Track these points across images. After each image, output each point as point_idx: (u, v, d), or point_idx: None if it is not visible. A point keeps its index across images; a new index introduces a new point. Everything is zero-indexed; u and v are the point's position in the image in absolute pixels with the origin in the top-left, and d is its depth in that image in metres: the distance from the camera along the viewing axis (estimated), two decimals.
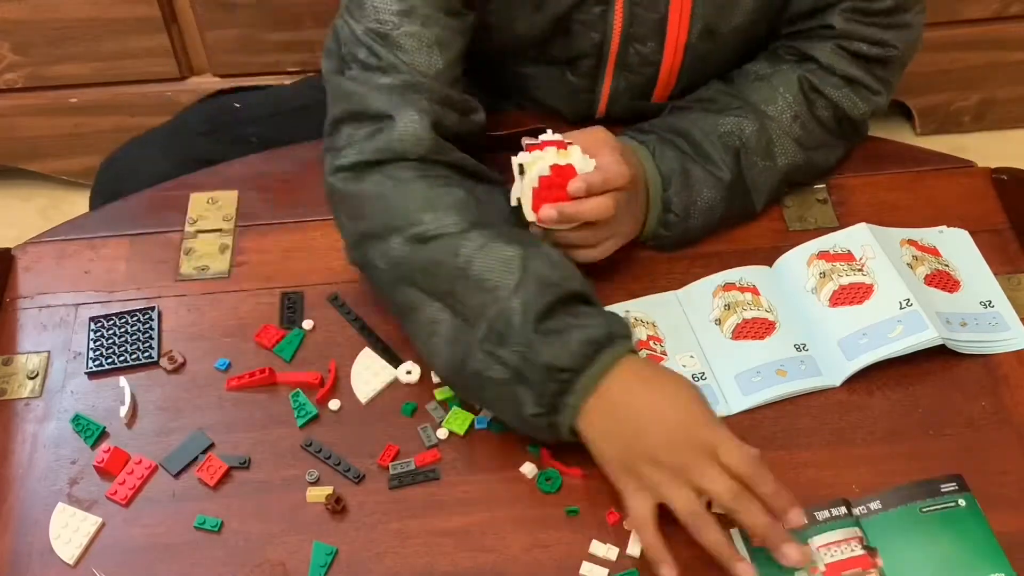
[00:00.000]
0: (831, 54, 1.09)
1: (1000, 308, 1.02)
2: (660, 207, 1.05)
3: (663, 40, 1.07)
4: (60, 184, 2.04)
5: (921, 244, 1.07)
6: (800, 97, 1.09)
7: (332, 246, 1.11)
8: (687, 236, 1.08)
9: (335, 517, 0.93)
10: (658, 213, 1.06)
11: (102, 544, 0.92)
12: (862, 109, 1.10)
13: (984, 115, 2.06)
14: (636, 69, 1.10)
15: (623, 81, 1.12)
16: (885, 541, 0.88)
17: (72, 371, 1.03)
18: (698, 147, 1.06)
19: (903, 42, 1.09)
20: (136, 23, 1.77)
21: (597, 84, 1.13)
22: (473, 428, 0.97)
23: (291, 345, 1.03)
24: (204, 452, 0.96)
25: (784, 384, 0.97)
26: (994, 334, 1.01)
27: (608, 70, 1.10)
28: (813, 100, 1.09)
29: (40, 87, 1.87)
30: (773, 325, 1.01)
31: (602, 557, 0.89)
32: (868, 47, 1.08)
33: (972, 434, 0.95)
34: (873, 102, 1.11)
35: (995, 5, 1.87)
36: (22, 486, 0.95)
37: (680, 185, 1.05)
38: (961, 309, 1.02)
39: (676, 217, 1.06)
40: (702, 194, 1.06)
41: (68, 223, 1.16)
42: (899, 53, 1.10)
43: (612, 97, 1.14)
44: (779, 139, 1.08)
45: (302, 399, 0.99)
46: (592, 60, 1.10)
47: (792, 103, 1.09)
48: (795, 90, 1.09)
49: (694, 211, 1.06)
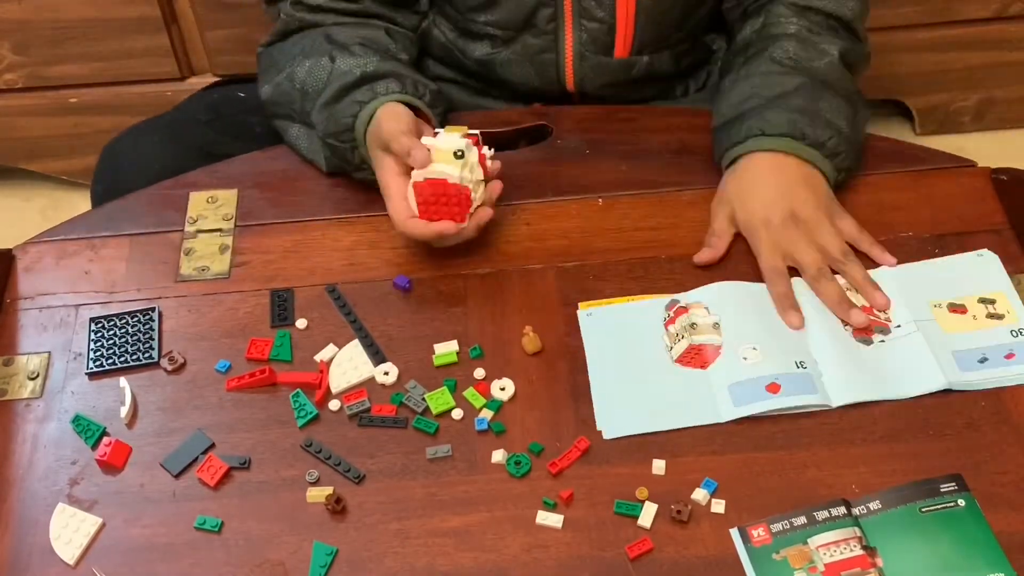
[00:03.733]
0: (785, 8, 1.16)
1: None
2: (816, 151, 1.08)
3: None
4: (60, 184, 2.04)
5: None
6: (792, 11, 1.15)
7: (332, 246, 1.11)
8: (851, 141, 1.10)
9: (335, 517, 0.93)
10: (819, 155, 1.08)
11: (102, 544, 0.92)
12: (850, 6, 1.16)
13: (984, 115, 2.06)
14: (594, 15, 1.14)
15: (583, 33, 1.16)
16: (884, 541, 0.88)
17: (72, 371, 1.03)
18: (774, 90, 1.11)
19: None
20: (136, 23, 1.77)
21: (559, 42, 1.17)
22: (450, 415, 0.98)
23: (283, 348, 1.03)
24: (204, 452, 0.97)
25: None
26: (1019, 367, 0.98)
27: (567, 22, 1.15)
28: (803, 10, 1.15)
29: (40, 87, 1.87)
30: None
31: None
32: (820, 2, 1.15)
33: (972, 434, 0.95)
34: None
35: (995, 5, 1.87)
36: (22, 486, 0.95)
37: (805, 120, 1.08)
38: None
39: (831, 135, 1.08)
40: (819, 107, 1.09)
41: (68, 223, 1.16)
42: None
43: (576, 55, 1.17)
44: (811, 40, 1.13)
45: (302, 399, 0.99)
46: (548, 9, 1.14)
47: (790, 15, 1.15)
48: (785, 11, 1.15)
49: (832, 120, 1.09)
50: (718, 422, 0.96)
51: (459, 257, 1.09)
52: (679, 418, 0.97)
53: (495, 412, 0.98)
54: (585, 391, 0.99)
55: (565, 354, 1.02)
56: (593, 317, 1.04)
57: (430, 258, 1.10)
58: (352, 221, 1.13)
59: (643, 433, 0.96)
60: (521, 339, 1.03)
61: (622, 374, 1.00)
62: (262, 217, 1.14)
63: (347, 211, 1.13)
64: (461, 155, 1.01)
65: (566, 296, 1.06)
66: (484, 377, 1.01)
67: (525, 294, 1.06)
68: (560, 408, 0.98)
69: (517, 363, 1.02)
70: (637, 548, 0.89)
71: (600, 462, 0.95)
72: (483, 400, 0.99)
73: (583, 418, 0.97)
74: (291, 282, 1.09)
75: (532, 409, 0.98)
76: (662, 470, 0.94)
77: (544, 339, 1.03)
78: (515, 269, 1.09)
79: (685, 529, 0.90)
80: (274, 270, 1.10)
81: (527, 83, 1.22)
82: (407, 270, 1.09)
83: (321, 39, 1.16)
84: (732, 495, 0.92)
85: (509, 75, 1.22)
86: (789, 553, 0.88)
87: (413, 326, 1.05)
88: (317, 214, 1.13)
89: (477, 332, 1.03)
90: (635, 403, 0.98)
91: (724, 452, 0.95)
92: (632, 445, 0.95)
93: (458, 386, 1.00)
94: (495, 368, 1.01)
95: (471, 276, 1.08)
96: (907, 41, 1.90)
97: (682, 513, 0.90)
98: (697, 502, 0.92)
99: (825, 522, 0.89)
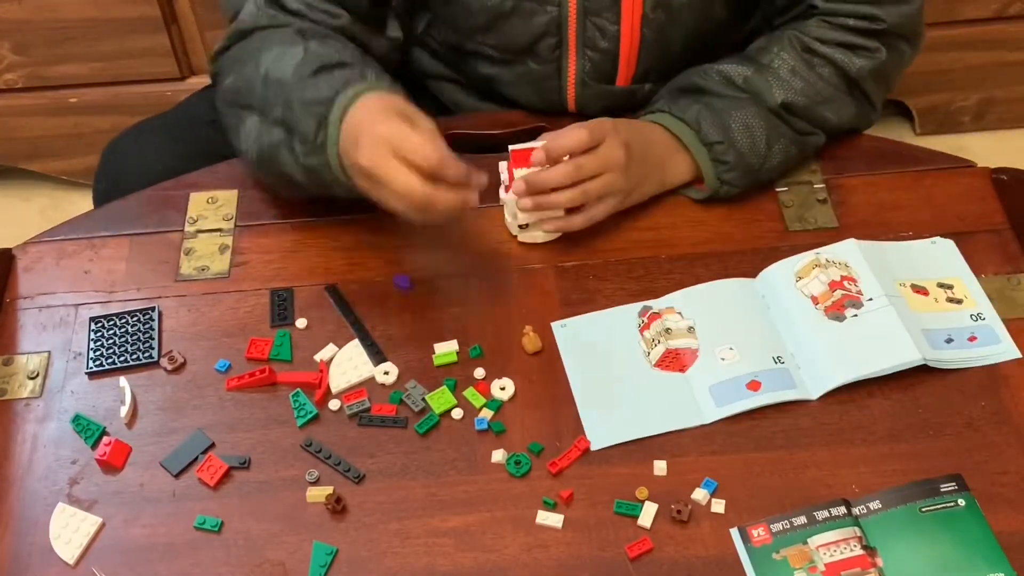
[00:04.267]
0: (817, 27, 1.12)
1: (990, 321, 1.02)
2: (703, 148, 1.09)
3: (619, 12, 1.10)
4: (60, 184, 2.04)
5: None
6: (795, 55, 1.12)
7: (332, 246, 1.11)
8: (744, 162, 1.09)
9: (335, 517, 0.93)
10: (705, 153, 1.09)
11: (102, 544, 0.92)
12: (859, 64, 1.12)
13: (984, 115, 2.06)
14: (597, 46, 1.13)
15: (587, 62, 1.15)
16: (885, 541, 0.88)
17: (72, 371, 1.03)
18: (705, 90, 1.12)
19: (896, 16, 1.11)
20: (136, 23, 1.77)
21: (562, 69, 1.16)
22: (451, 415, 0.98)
23: (283, 348, 1.03)
24: (204, 452, 0.96)
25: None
26: (983, 349, 1.00)
27: (570, 50, 1.14)
28: (809, 59, 1.12)
29: (40, 87, 1.87)
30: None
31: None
32: (855, 21, 1.11)
33: (972, 434, 0.95)
34: (874, 58, 1.13)
35: (995, 5, 1.87)
36: (22, 486, 0.95)
37: (709, 118, 1.09)
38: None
39: (721, 144, 1.08)
40: (732, 115, 1.09)
41: (68, 223, 1.16)
42: (888, 26, 1.11)
43: (579, 82, 1.16)
44: (777, 83, 1.11)
45: (302, 399, 0.99)
46: (552, 39, 1.13)
47: (788, 59, 1.12)
48: (789, 48, 1.12)
49: (734, 131, 1.09)
50: (703, 424, 0.97)
51: (459, 257, 1.10)
52: (664, 422, 0.97)
53: (495, 412, 0.98)
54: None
55: None
56: (568, 328, 1.04)
57: (430, 258, 1.10)
58: (352, 221, 1.13)
59: (630, 441, 0.96)
60: (521, 339, 1.03)
61: (604, 383, 1.00)
62: (262, 217, 1.14)
63: (347, 211, 1.13)
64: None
65: (566, 296, 1.06)
66: (484, 377, 1.01)
67: (525, 294, 1.06)
68: (560, 408, 0.98)
69: (517, 363, 1.02)
70: (637, 548, 0.89)
71: (600, 462, 0.95)
72: (483, 400, 0.99)
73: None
74: (291, 282, 1.09)
75: (532, 409, 0.98)
76: (662, 470, 0.94)
77: (544, 339, 1.03)
78: (515, 269, 1.09)
79: (685, 529, 0.90)
80: (274, 270, 1.10)
81: (528, 102, 1.21)
82: (407, 270, 1.09)
83: (292, 33, 1.08)
84: (732, 495, 0.92)
85: (510, 93, 1.21)
86: (789, 553, 0.88)
87: (413, 326, 1.05)
88: (317, 214, 1.13)
89: (477, 332, 1.03)
90: (619, 411, 0.98)
91: (724, 452, 0.95)
92: (632, 445, 0.95)
93: (458, 386, 1.00)
94: (495, 368, 1.01)
95: (471, 276, 1.08)
96: None
97: (682, 513, 0.90)
98: (697, 502, 0.92)
99: (825, 522, 0.89)
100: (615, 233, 1.11)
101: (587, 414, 0.98)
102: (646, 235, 1.11)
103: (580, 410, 0.98)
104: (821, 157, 1.16)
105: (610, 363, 1.01)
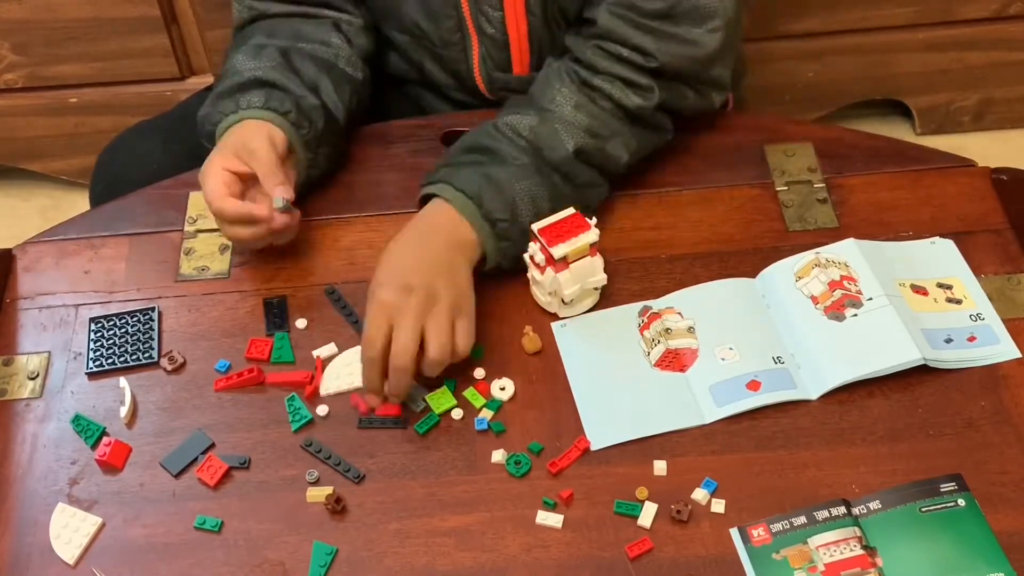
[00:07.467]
0: (591, 54, 1.08)
1: (990, 321, 1.02)
2: (486, 224, 1.02)
3: (503, 1, 1.12)
4: (60, 184, 2.04)
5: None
6: (575, 89, 1.08)
7: (332, 246, 1.11)
8: (528, 237, 1.02)
9: (335, 517, 0.93)
10: (488, 230, 1.03)
11: (102, 544, 0.92)
12: (636, 102, 1.08)
13: (984, 115, 2.05)
14: (491, 35, 1.14)
15: (484, 48, 1.16)
16: (884, 541, 0.88)
17: (72, 371, 1.03)
18: (487, 150, 1.07)
19: (670, 55, 1.06)
20: (136, 23, 1.77)
21: (468, 57, 1.18)
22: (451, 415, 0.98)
23: (283, 350, 1.03)
24: (204, 452, 0.97)
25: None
26: (982, 349, 1.00)
27: (473, 41, 1.16)
28: (589, 92, 1.08)
29: (40, 87, 1.87)
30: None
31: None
32: (628, 52, 1.06)
33: (972, 434, 0.95)
34: (648, 99, 1.08)
35: (995, 5, 1.86)
36: (22, 486, 0.95)
37: (491, 192, 1.03)
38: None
39: (505, 222, 1.03)
40: (515, 188, 1.04)
41: (68, 223, 1.16)
42: (659, 65, 1.06)
43: (482, 70, 1.18)
44: (564, 128, 1.07)
45: (297, 403, 0.99)
46: (450, 21, 1.16)
47: (570, 95, 1.08)
48: (569, 83, 1.09)
49: (519, 207, 1.04)
50: (702, 423, 0.97)
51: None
52: (663, 422, 0.97)
53: (495, 412, 0.98)
54: None
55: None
56: (568, 328, 1.04)
57: None
58: (352, 221, 1.13)
59: (630, 440, 0.96)
60: (521, 339, 1.03)
61: (604, 383, 1.00)
62: None
63: (347, 211, 1.13)
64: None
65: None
66: (484, 377, 1.01)
67: (525, 294, 1.06)
68: (560, 408, 0.98)
69: (517, 363, 1.02)
70: (637, 548, 0.89)
71: (600, 462, 0.95)
72: (483, 400, 0.99)
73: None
74: (290, 282, 1.09)
75: (532, 409, 0.98)
76: (662, 470, 0.94)
77: (544, 339, 1.03)
78: (515, 268, 1.08)
79: (685, 529, 0.90)
80: (273, 270, 1.10)
81: (461, 95, 1.23)
82: None
83: (260, 34, 1.15)
84: (732, 495, 0.92)
85: (439, 81, 1.23)
86: (789, 553, 0.88)
87: None
88: (317, 214, 1.13)
89: (477, 332, 1.03)
90: (620, 411, 0.98)
91: (724, 452, 0.95)
92: (632, 445, 0.95)
93: (458, 386, 1.00)
94: (495, 368, 1.01)
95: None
96: (907, 41, 1.90)
97: (682, 513, 0.90)
98: (697, 502, 0.92)
99: (825, 522, 0.89)
100: (615, 233, 1.11)
101: (587, 414, 0.98)
102: (646, 235, 1.11)
103: (580, 410, 0.98)
104: (821, 157, 1.16)
105: (610, 363, 1.01)
